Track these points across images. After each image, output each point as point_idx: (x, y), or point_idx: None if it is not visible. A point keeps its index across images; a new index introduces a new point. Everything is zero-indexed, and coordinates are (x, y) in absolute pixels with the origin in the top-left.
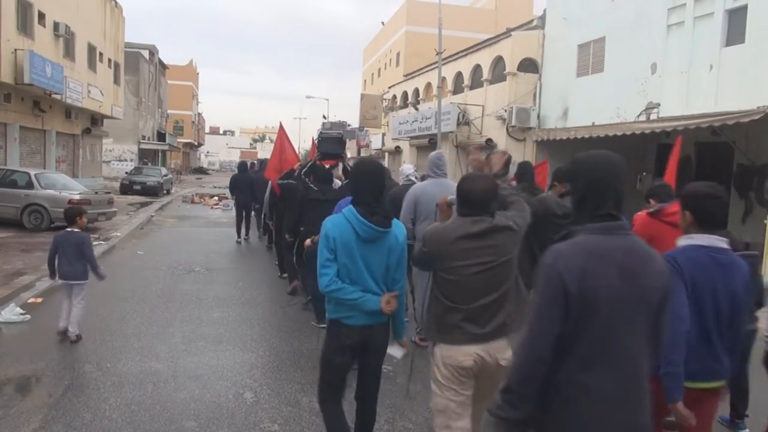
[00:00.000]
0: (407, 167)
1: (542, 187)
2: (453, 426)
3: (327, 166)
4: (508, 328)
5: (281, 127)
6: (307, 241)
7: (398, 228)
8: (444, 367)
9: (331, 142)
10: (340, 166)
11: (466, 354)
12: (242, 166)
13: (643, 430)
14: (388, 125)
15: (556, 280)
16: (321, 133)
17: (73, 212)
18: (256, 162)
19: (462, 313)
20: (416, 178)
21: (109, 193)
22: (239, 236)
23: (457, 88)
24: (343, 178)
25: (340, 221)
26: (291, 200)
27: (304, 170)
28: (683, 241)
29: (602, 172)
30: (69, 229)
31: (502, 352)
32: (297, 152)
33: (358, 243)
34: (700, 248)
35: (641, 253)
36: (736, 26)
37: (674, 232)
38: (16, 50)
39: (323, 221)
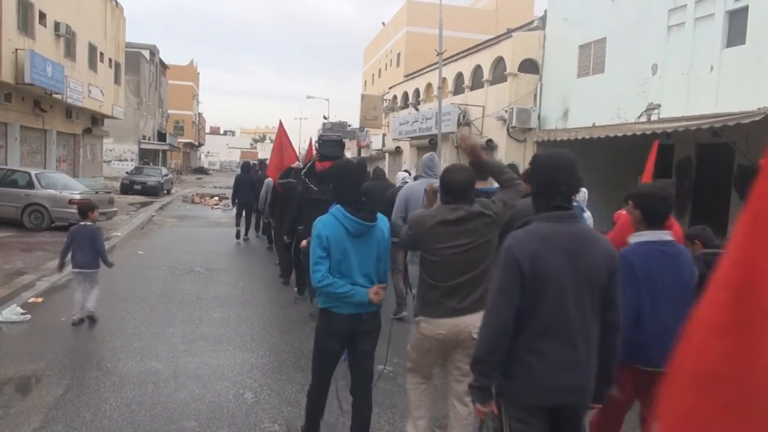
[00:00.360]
0: (401, 174)
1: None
2: (418, 376)
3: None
4: (484, 303)
5: (281, 125)
6: (303, 243)
7: (383, 222)
8: (421, 335)
9: (332, 144)
10: None
11: (442, 326)
12: (245, 166)
13: (589, 391)
14: (388, 126)
15: (513, 262)
16: (321, 135)
17: (86, 207)
18: (256, 162)
19: (442, 290)
20: (410, 181)
21: (109, 192)
22: (238, 237)
23: (458, 89)
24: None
25: (330, 220)
26: (290, 200)
27: (303, 171)
28: (633, 239)
29: (555, 170)
30: (83, 223)
31: (475, 326)
32: (297, 151)
33: (349, 238)
34: (649, 243)
35: (586, 237)
36: (736, 27)
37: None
38: (16, 50)
39: (314, 221)
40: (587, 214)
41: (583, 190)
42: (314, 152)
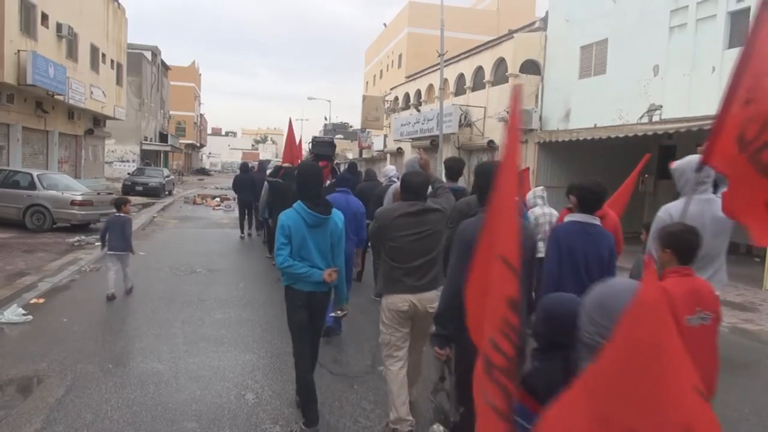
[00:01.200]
0: (390, 168)
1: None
2: (394, 354)
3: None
4: (438, 282)
5: (290, 124)
6: None
7: (337, 215)
8: (388, 311)
9: (324, 145)
10: (348, 166)
11: (404, 300)
12: (244, 166)
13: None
14: (389, 127)
15: (466, 241)
16: (314, 137)
17: (120, 201)
18: (255, 164)
19: (403, 270)
20: (397, 178)
21: (111, 194)
22: (242, 232)
23: (459, 90)
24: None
25: (292, 213)
26: (281, 197)
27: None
28: (567, 218)
29: (490, 175)
30: (117, 214)
31: (431, 302)
32: (302, 150)
33: (307, 228)
34: (576, 223)
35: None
36: (738, 28)
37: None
38: (19, 51)
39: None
40: (542, 210)
41: (540, 187)
42: (303, 153)
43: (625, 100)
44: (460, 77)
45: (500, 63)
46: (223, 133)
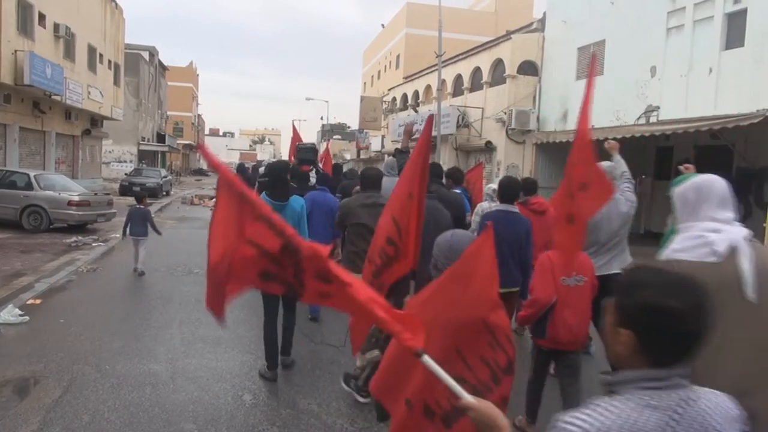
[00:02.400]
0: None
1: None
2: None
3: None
4: None
5: (294, 127)
6: None
7: (295, 201)
8: None
9: (307, 151)
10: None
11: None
12: (240, 167)
13: None
14: (387, 127)
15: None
16: (298, 144)
17: (141, 195)
18: (250, 166)
19: (357, 253)
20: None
21: (108, 194)
22: None
23: (457, 91)
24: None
25: None
26: None
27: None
28: (494, 206)
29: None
30: (138, 206)
31: None
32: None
33: None
34: (499, 210)
35: (437, 209)
36: (735, 30)
37: (536, 217)
38: (16, 51)
39: None
40: (488, 205)
41: (492, 185)
42: (295, 159)
43: (622, 101)
44: (458, 78)
45: (498, 64)
46: (221, 133)
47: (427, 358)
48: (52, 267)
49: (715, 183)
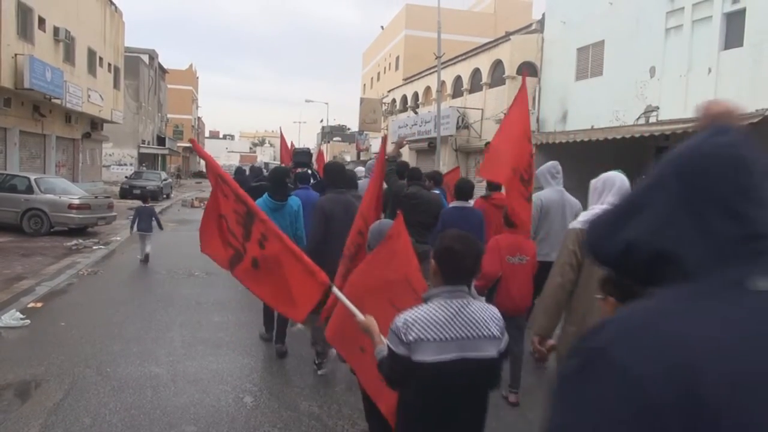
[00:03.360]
0: (360, 169)
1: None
2: None
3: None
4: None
5: (281, 134)
6: None
7: (293, 201)
8: None
9: (302, 155)
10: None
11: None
12: (239, 170)
13: None
14: (387, 129)
15: (321, 212)
16: (295, 149)
17: (145, 195)
18: (247, 168)
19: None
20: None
21: (108, 197)
22: None
23: (457, 92)
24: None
25: (260, 202)
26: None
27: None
28: (452, 204)
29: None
30: (144, 205)
31: None
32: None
33: (270, 211)
34: (456, 207)
35: (348, 203)
36: (734, 30)
37: (497, 211)
38: (16, 55)
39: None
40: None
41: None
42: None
43: (621, 101)
44: (458, 79)
45: (497, 65)
46: (221, 136)
47: (335, 290)
48: (52, 270)
49: (616, 178)
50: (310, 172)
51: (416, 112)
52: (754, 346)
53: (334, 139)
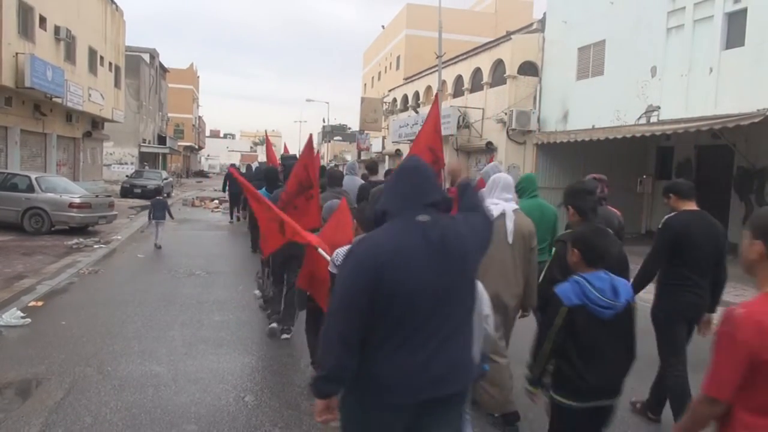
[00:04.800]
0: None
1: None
2: None
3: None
4: None
5: (267, 137)
6: None
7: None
8: None
9: (290, 159)
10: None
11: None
12: (248, 168)
13: None
14: (388, 128)
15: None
16: (282, 155)
17: (158, 189)
18: (244, 168)
19: None
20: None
21: (109, 196)
22: (231, 218)
23: (458, 92)
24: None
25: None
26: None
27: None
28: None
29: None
30: (158, 198)
31: None
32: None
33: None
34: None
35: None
36: (735, 29)
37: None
38: (17, 54)
39: None
40: None
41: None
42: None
43: (623, 101)
44: (459, 79)
45: (498, 64)
46: (222, 135)
47: (320, 250)
48: (53, 269)
49: (503, 176)
50: None
51: (417, 112)
52: (404, 240)
53: (335, 138)
